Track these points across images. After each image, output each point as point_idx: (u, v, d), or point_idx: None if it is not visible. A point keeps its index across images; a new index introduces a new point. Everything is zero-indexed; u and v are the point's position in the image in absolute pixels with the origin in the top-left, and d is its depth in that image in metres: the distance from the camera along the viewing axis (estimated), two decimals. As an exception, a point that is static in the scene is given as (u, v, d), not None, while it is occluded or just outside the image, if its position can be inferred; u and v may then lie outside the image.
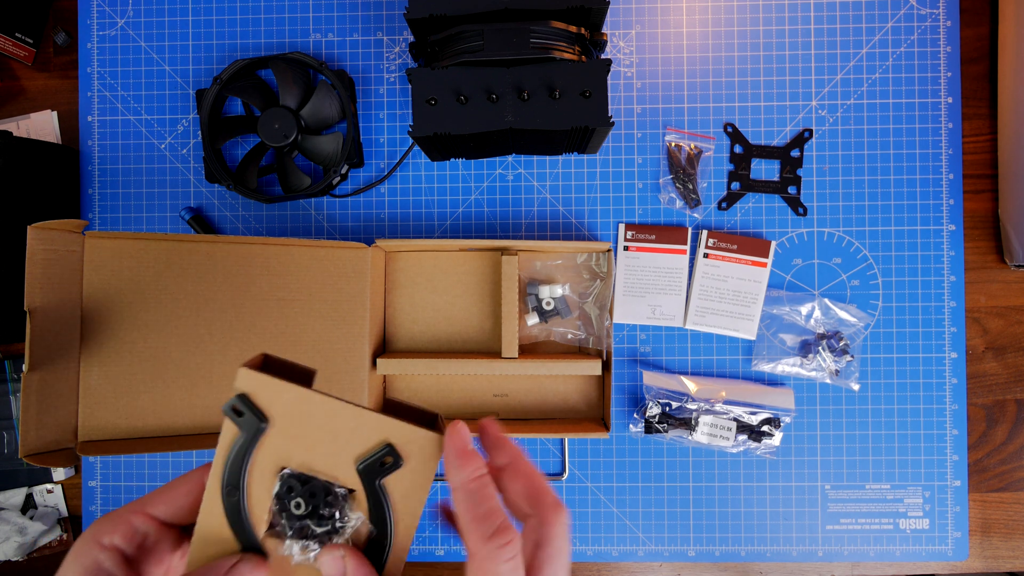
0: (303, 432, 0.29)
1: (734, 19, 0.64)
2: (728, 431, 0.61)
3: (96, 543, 0.28)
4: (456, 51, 0.52)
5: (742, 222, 0.64)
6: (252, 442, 0.29)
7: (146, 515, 0.30)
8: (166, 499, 0.30)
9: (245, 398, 0.28)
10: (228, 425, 0.28)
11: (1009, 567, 0.64)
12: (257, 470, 0.29)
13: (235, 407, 0.28)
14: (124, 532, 0.29)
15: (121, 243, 0.55)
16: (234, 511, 0.29)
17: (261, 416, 0.28)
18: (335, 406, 0.29)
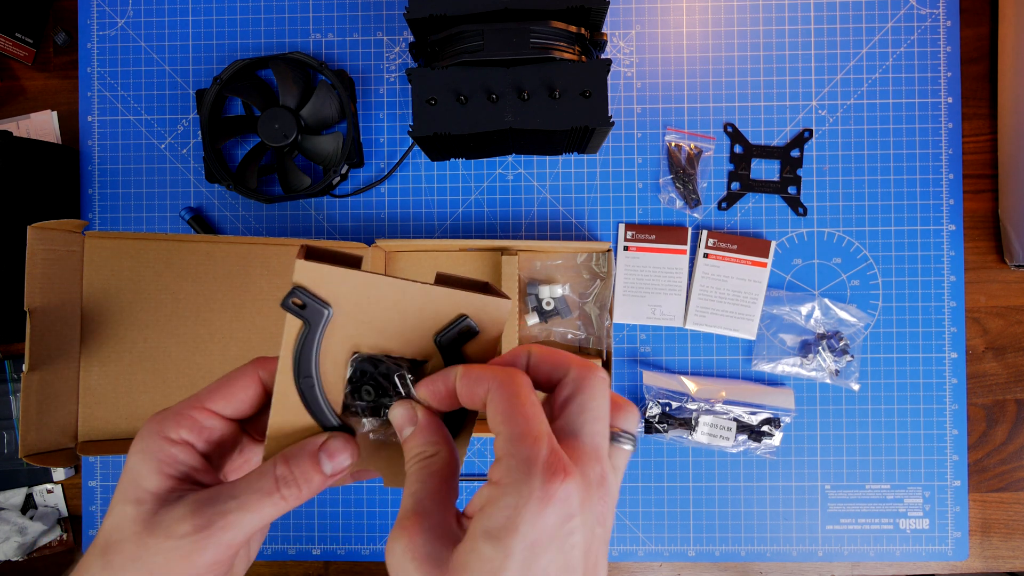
0: (370, 314, 0.28)
1: (734, 19, 0.64)
2: (728, 431, 0.61)
3: (164, 438, 0.27)
4: (456, 51, 0.52)
5: (742, 222, 0.64)
6: (318, 331, 0.28)
7: (206, 410, 0.29)
8: (224, 394, 0.29)
9: (303, 290, 0.27)
10: (291, 320, 0.28)
11: (1009, 567, 0.64)
12: (329, 357, 0.28)
13: (295, 300, 0.27)
14: (190, 426, 0.28)
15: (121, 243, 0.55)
16: (311, 397, 0.28)
17: (323, 304, 0.27)
18: (399, 285, 0.28)
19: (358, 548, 0.65)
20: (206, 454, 0.28)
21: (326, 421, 0.29)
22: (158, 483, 0.26)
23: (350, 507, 0.65)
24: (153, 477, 0.26)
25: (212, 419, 0.29)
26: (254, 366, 0.30)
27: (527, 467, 0.22)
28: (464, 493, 0.64)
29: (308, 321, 0.28)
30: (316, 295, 0.27)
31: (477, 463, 0.65)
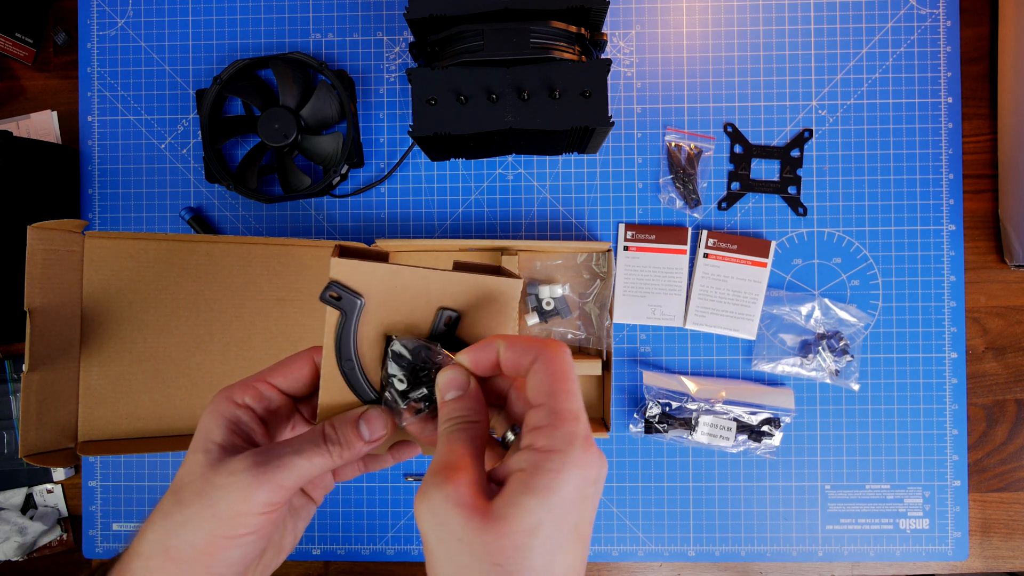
0: (398, 302, 0.32)
1: (734, 19, 0.64)
2: (728, 431, 0.61)
3: (231, 402, 0.32)
4: (456, 51, 0.52)
5: (742, 222, 0.64)
6: (353, 319, 0.32)
7: (269, 384, 0.34)
8: (283, 372, 0.34)
9: (338, 284, 0.31)
10: (329, 311, 0.32)
11: (1009, 567, 0.64)
12: (365, 341, 0.32)
13: (331, 294, 0.31)
14: (253, 395, 0.33)
15: (121, 243, 0.55)
16: (352, 376, 0.33)
17: (356, 295, 0.32)
18: (422, 273, 0.32)
19: (358, 548, 0.65)
20: (264, 420, 0.33)
21: (366, 396, 0.33)
22: (224, 436, 0.31)
23: (350, 507, 0.65)
24: (220, 431, 0.31)
25: (271, 391, 0.34)
26: (309, 352, 0.35)
27: (570, 439, 0.26)
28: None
29: (344, 311, 0.32)
30: (349, 287, 0.31)
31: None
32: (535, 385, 0.28)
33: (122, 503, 0.65)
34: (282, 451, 0.30)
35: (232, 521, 0.29)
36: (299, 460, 0.30)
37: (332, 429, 0.31)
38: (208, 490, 0.29)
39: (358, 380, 0.33)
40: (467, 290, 0.32)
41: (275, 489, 0.29)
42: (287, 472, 0.30)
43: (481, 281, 0.32)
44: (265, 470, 0.29)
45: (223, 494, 0.29)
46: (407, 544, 0.65)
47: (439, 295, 0.32)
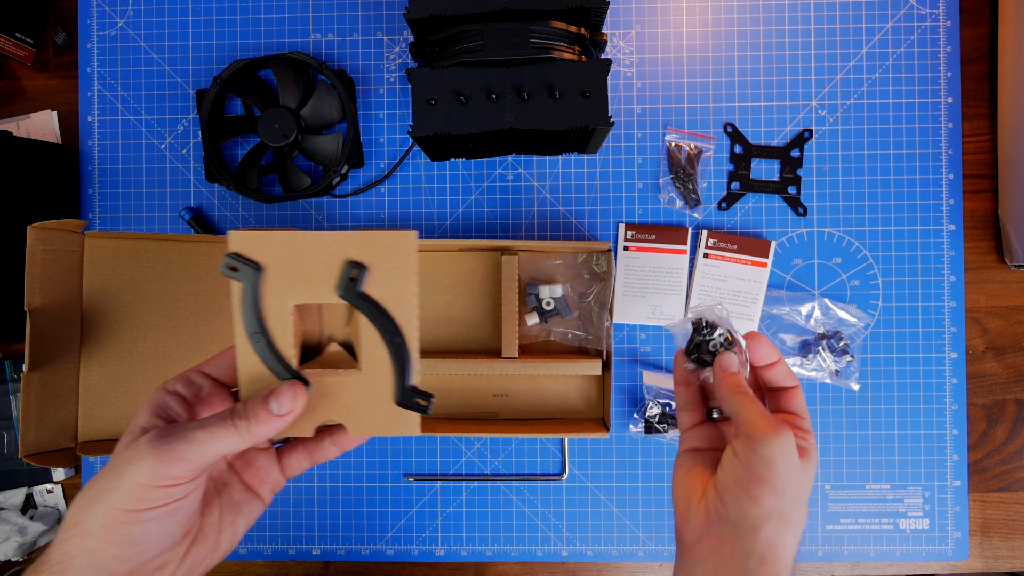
0: (297, 268, 0.32)
1: (734, 19, 0.64)
2: (728, 431, 0.61)
3: (163, 390, 0.34)
4: (456, 51, 0.52)
5: (742, 222, 0.64)
6: (255, 288, 0.32)
7: (201, 372, 0.35)
8: (216, 361, 0.35)
9: (236, 255, 0.32)
10: (234, 286, 0.32)
11: (1009, 567, 0.64)
12: (271, 312, 0.32)
13: (230, 265, 0.32)
14: (184, 382, 0.34)
15: (121, 243, 0.55)
16: (264, 351, 0.33)
17: (254, 264, 0.32)
18: (313, 236, 0.32)
19: (358, 548, 0.65)
20: (193, 405, 0.34)
21: (279, 372, 0.33)
22: (147, 419, 0.32)
23: (350, 507, 0.65)
24: (144, 416, 0.32)
25: (202, 379, 0.35)
26: None
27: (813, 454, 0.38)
28: (477, 493, 0.64)
29: (244, 281, 0.31)
30: (247, 257, 0.31)
31: (478, 463, 0.65)
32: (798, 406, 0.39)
33: (122, 503, 0.65)
34: (188, 426, 0.31)
35: (132, 494, 0.29)
36: (202, 433, 0.30)
37: (242, 404, 0.32)
38: (117, 463, 0.30)
39: (267, 354, 0.32)
40: (363, 248, 0.32)
41: (174, 461, 0.29)
42: (188, 445, 0.30)
43: (374, 236, 0.32)
44: (167, 441, 0.30)
45: (127, 467, 0.30)
46: (407, 544, 0.65)
47: (336, 256, 0.32)
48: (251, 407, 0.31)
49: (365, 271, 0.32)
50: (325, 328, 0.36)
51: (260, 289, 0.32)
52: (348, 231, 0.32)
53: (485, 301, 0.64)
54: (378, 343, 0.33)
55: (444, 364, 0.59)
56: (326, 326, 0.36)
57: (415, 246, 0.32)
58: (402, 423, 0.33)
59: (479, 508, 0.64)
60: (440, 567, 0.65)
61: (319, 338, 0.36)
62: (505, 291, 0.60)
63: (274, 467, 0.36)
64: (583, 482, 0.64)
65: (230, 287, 0.32)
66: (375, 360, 0.33)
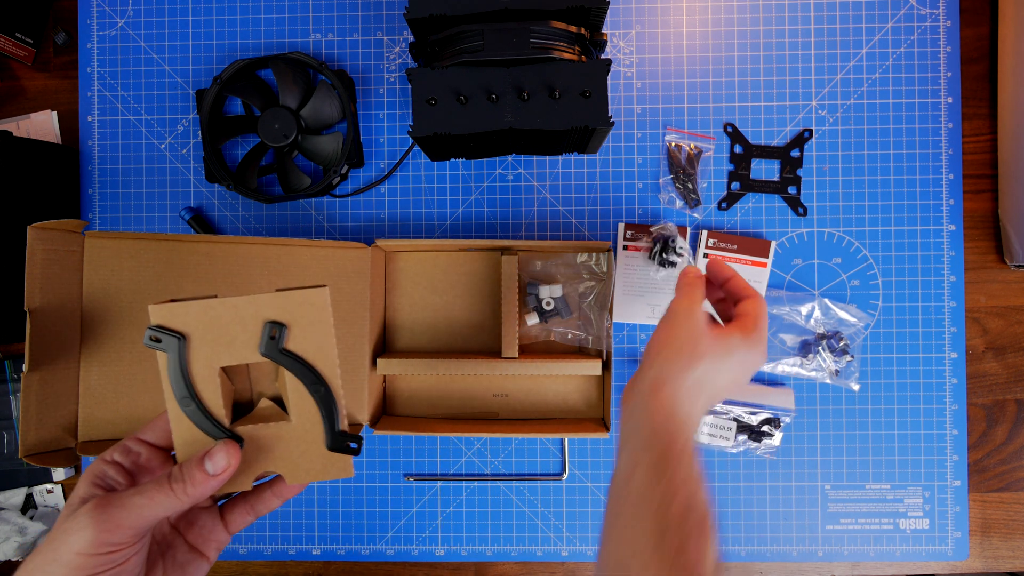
0: (219, 333, 0.33)
1: (734, 19, 0.64)
2: (728, 431, 0.61)
3: (101, 460, 0.34)
4: (456, 51, 0.52)
5: (742, 222, 0.64)
6: (181, 356, 0.33)
7: (137, 440, 0.35)
8: (152, 427, 0.36)
9: (159, 327, 0.33)
10: (159, 356, 0.33)
11: (1009, 567, 0.64)
12: (199, 376, 0.34)
13: (152, 336, 0.33)
14: (121, 451, 0.35)
15: (121, 243, 0.55)
16: (195, 414, 0.34)
17: (175, 333, 0.33)
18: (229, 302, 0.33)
19: (358, 548, 0.65)
20: (132, 473, 0.34)
21: (212, 432, 0.34)
22: (86, 491, 0.33)
23: (350, 507, 0.65)
24: (83, 487, 0.33)
25: (140, 446, 0.35)
26: None
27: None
28: (489, 492, 0.64)
29: (168, 351, 0.33)
30: (168, 328, 0.33)
31: (477, 463, 0.65)
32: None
33: (122, 503, 0.65)
34: (125, 493, 0.32)
35: (72, 563, 0.30)
36: (139, 499, 0.31)
37: (178, 468, 0.32)
38: (55, 535, 0.31)
39: (199, 417, 0.34)
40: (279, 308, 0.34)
41: (113, 528, 0.30)
42: (126, 511, 0.31)
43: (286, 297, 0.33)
44: (105, 509, 0.30)
45: (66, 537, 0.30)
46: (407, 544, 0.65)
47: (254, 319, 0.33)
48: (187, 470, 0.32)
49: (284, 329, 0.34)
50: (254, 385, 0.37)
51: (186, 356, 0.33)
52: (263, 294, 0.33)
53: (485, 301, 0.64)
54: (305, 394, 0.34)
55: (444, 364, 0.59)
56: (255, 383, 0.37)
57: (328, 300, 0.34)
58: (336, 466, 0.35)
59: (479, 508, 0.64)
60: (440, 567, 0.65)
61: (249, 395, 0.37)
62: (505, 291, 0.60)
63: (218, 525, 0.37)
64: (583, 482, 0.64)
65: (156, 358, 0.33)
66: (304, 410, 0.35)
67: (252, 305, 0.33)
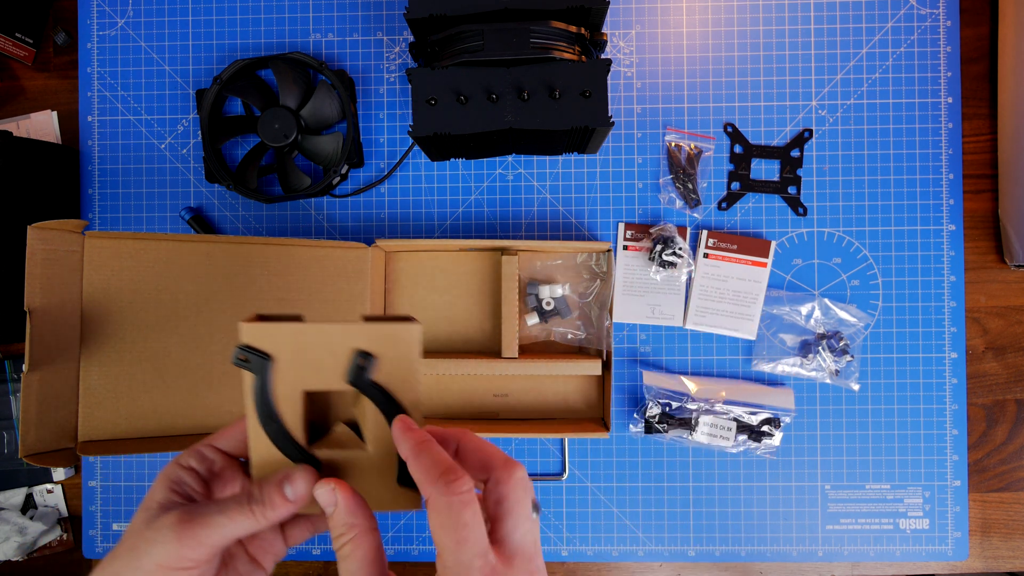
0: (307, 357, 0.34)
1: (734, 19, 0.64)
2: (728, 431, 0.61)
3: (178, 465, 0.34)
4: (456, 51, 0.52)
5: (742, 222, 0.64)
6: (266, 378, 0.33)
7: (212, 447, 0.36)
8: (227, 435, 0.36)
9: (245, 347, 0.33)
10: (245, 373, 0.33)
11: (1009, 567, 0.64)
12: (282, 399, 0.34)
13: (240, 356, 0.33)
14: (197, 457, 0.35)
15: (121, 243, 0.55)
16: (277, 436, 0.34)
17: (264, 355, 0.33)
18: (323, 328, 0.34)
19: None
20: (207, 480, 0.35)
21: (293, 455, 0.34)
22: (163, 496, 0.33)
23: (350, 507, 0.65)
24: (161, 491, 0.33)
25: (214, 453, 0.36)
26: None
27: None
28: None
29: (255, 372, 0.33)
30: (257, 349, 0.33)
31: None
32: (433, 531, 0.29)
33: (122, 503, 0.65)
34: (208, 509, 0.32)
35: (153, 574, 0.30)
36: (221, 518, 0.31)
37: (258, 488, 0.32)
38: (137, 543, 0.31)
39: (281, 438, 0.34)
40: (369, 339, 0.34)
41: (196, 545, 0.31)
42: (209, 529, 0.31)
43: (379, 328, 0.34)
44: (189, 525, 0.31)
45: (149, 547, 0.31)
46: (407, 544, 0.65)
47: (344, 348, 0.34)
48: (267, 493, 0.32)
49: (373, 360, 0.34)
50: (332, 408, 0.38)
51: (271, 377, 0.33)
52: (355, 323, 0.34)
53: (485, 301, 0.64)
54: (383, 425, 0.34)
55: (444, 364, 0.59)
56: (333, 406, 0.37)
57: (419, 337, 0.34)
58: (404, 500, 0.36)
59: (479, 508, 0.64)
60: (440, 567, 0.65)
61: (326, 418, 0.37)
62: (505, 291, 0.60)
63: (278, 539, 0.38)
64: (583, 482, 0.64)
65: (241, 376, 0.33)
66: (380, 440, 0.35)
67: (343, 333, 0.34)
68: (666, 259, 0.61)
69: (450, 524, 0.28)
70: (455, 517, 0.28)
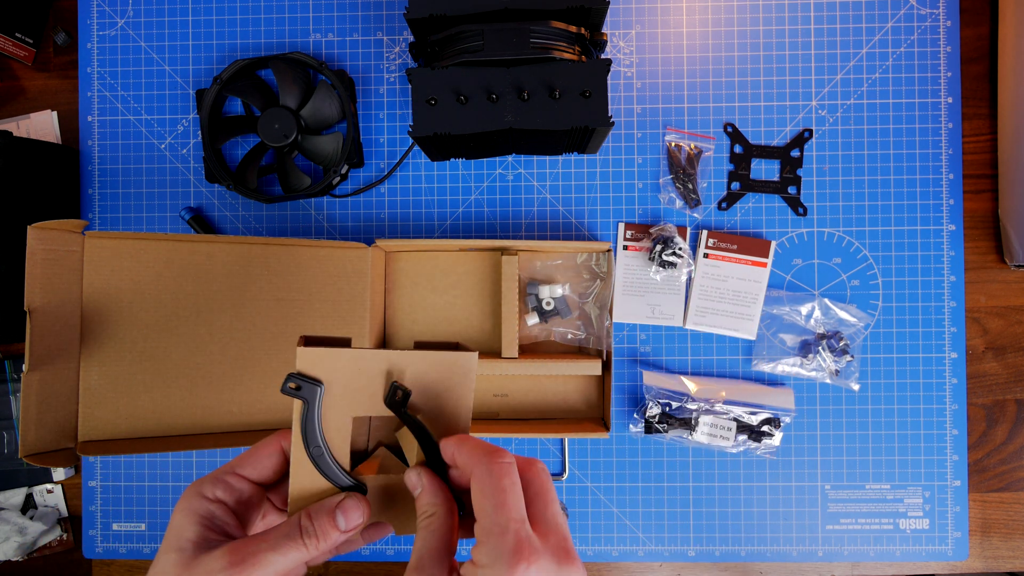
0: (360, 383, 0.33)
1: (734, 19, 0.64)
2: (728, 431, 0.61)
3: (202, 497, 0.32)
4: (456, 51, 0.52)
5: (742, 222, 0.64)
6: (315, 406, 0.32)
7: (239, 476, 0.34)
8: (252, 462, 0.34)
9: (296, 374, 0.32)
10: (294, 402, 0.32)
11: (1009, 567, 0.64)
12: (332, 426, 0.33)
13: (291, 385, 0.32)
14: (224, 488, 0.33)
15: (121, 243, 0.55)
16: (323, 464, 0.33)
17: (315, 382, 0.32)
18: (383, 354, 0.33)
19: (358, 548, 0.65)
20: (236, 512, 0.33)
21: (340, 482, 0.33)
22: (197, 533, 0.31)
23: (350, 507, 0.65)
24: (193, 528, 0.31)
25: (241, 482, 0.33)
26: (276, 437, 0.35)
27: (497, 554, 0.27)
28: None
29: (305, 399, 0.32)
30: (308, 375, 0.32)
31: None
32: (475, 500, 0.29)
33: (122, 503, 0.65)
34: (258, 547, 0.30)
35: None
36: (275, 556, 0.30)
37: (308, 520, 0.31)
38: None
39: (329, 466, 0.33)
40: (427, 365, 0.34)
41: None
42: (264, 569, 0.29)
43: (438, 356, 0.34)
44: (242, 568, 0.29)
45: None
46: (407, 544, 0.65)
47: (399, 373, 0.33)
48: (319, 524, 0.31)
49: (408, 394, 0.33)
50: (373, 433, 0.37)
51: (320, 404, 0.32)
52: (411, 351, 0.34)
53: (485, 301, 0.64)
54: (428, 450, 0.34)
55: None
56: (374, 431, 0.37)
57: (475, 366, 0.34)
58: None
59: (479, 508, 0.64)
60: (440, 567, 0.65)
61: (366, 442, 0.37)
62: (505, 291, 0.60)
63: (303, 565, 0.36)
64: (583, 482, 0.64)
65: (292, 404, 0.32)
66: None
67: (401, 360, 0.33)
68: (666, 259, 0.61)
69: (490, 489, 0.28)
70: (495, 481, 0.28)
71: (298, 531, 0.31)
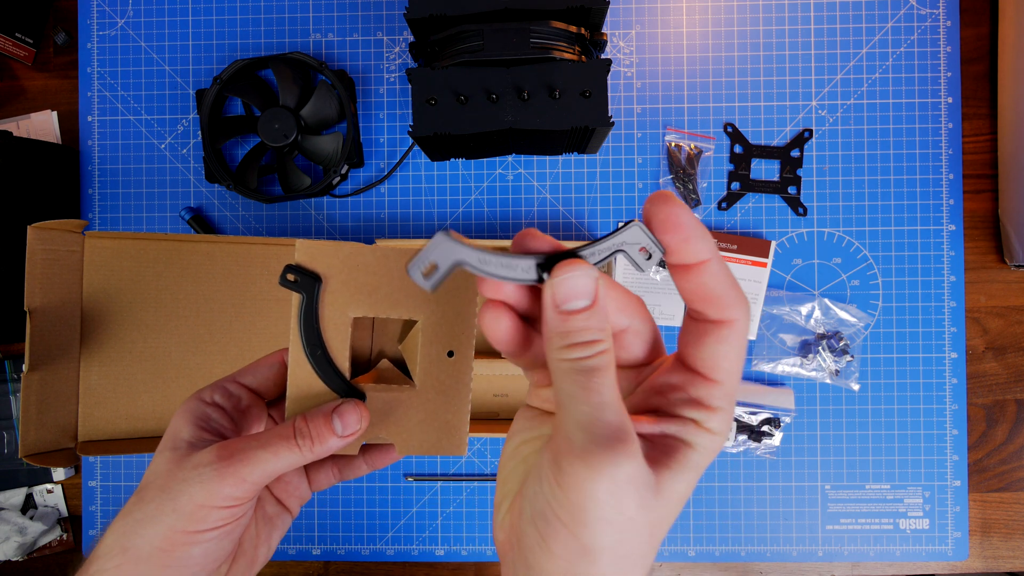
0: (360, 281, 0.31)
1: (734, 19, 0.64)
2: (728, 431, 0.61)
3: (201, 401, 0.32)
4: (456, 51, 0.52)
5: (742, 222, 0.64)
6: (314, 300, 0.31)
7: (238, 383, 0.33)
8: (252, 372, 0.34)
9: (294, 266, 0.30)
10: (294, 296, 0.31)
11: (1009, 567, 0.64)
12: (331, 325, 0.31)
13: (289, 276, 0.30)
14: (222, 393, 0.33)
15: (121, 243, 0.55)
16: (322, 364, 0.31)
17: (313, 275, 0.31)
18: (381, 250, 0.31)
19: (358, 548, 0.65)
20: (234, 418, 0.33)
21: (337, 386, 0.31)
22: (192, 433, 0.31)
23: (350, 507, 0.65)
24: (188, 428, 0.31)
25: (240, 390, 0.33)
26: (279, 352, 0.34)
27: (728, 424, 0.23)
28: (478, 493, 0.64)
29: (303, 292, 0.31)
30: (307, 268, 0.31)
31: (477, 463, 0.65)
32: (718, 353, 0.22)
33: (122, 503, 0.65)
34: (248, 444, 0.29)
35: (193, 515, 0.28)
36: (265, 454, 0.29)
37: (304, 423, 0.30)
38: (171, 484, 0.29)
39: (326, 368, 0.31)
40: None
41: (239, 482, 0.29)
42: (252, 466, 0.29)
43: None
44: (230, 463, 0.29)
45: (185, 487, 0.28)
46: (407, 544, 0.65)
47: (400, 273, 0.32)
48: (314, 426, 0.30)
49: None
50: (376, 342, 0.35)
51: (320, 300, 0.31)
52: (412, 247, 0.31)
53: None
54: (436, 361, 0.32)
55: (444, 364, 0.59)
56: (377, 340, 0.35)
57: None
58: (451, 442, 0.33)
59: (479, 508, 0.64)
60: (440, 567, 0.65)
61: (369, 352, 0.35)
62: (505, 291, 0.60)
63: (303, 481, 0.36)
64: (583, 482, 0.64)
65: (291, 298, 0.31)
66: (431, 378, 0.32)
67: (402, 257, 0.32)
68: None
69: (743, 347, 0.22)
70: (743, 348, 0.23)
71: (292, 432, 0.30)
